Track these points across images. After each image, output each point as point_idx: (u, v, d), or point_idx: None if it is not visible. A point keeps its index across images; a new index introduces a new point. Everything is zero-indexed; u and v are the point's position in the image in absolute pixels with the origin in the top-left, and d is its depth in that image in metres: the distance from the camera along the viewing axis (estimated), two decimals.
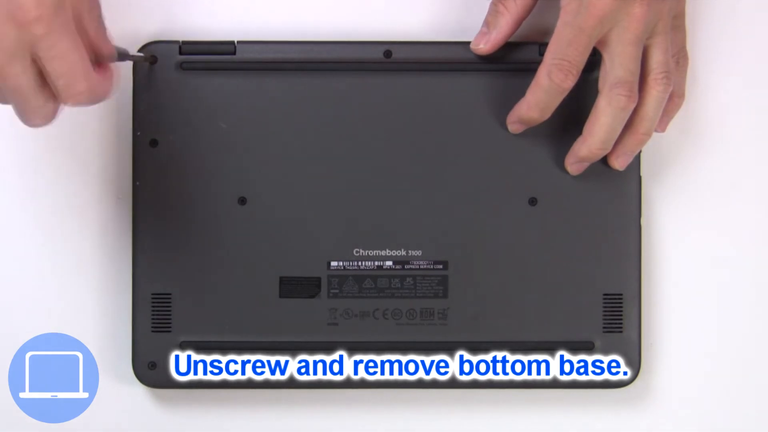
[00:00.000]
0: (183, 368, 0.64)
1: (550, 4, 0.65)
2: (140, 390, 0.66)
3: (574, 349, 0.64)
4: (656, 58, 0.60)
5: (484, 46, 0.63)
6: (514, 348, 0.64)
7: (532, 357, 0.64)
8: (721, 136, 0.67)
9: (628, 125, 0.61)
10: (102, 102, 0.54)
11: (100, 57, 0.55)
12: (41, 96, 0.53)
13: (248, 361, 0.64)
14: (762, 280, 0.67)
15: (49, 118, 0.54)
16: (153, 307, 0.64)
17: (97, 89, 0.54)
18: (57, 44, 0.51)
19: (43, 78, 0.52)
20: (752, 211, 0.67)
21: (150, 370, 0.64)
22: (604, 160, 0.63)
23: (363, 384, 0.65)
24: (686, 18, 0.63)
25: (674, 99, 0.64)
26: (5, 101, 0.53)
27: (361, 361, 0.64)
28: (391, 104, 0.64)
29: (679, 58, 0.63)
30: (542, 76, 0.60)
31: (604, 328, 0.64)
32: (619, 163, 0.63)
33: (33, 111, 0.53)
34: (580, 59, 0.59)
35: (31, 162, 0.66)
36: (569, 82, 0.59)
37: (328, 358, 0.64)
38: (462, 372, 0.64)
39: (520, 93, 0.64)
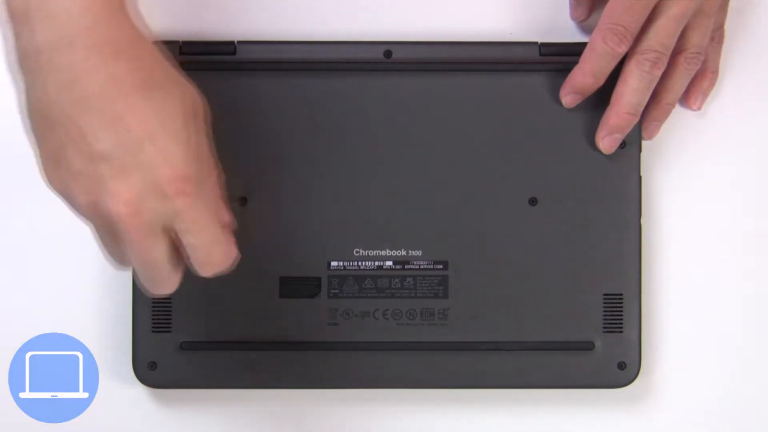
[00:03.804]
0: (183, 368, 0.64)
1: (551, 4, 0.66)
2: (140, 390, 0.66)
3: (574, 349, 0.64)
4: (693, 40, 0.62)
5: (583, 15, 0.65)
6: (514, 348, 0.64)
7: (532, 357, 0.64)
8: (722, 136, 0.67)
9: (653, 96, 0.63)
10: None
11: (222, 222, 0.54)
12: (171, 268, 0.52)
13: (248, 361, 0.64)
14: (762, 280, 0.67)
15: (174, 287, 0.54)
16: (153, 307, 0.64)
17: (231, 258, 0.54)
18: (198, 218, 0.51)
19: (175, 249, 0.52)
20: (752, 211, 0.67)
21: (150, 370, 0.64)
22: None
23: (363, 384, 0.65)
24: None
25: (708, 75, 0.66)
26: (126, 268, 0.53)
27: (361, 361, 0.64)
28: (391, 104, 0.64)
29: (717, 35, 0.65)
30: (597, 41, 0.61)
31: (604, 328, 0.64)
32: (647, 133, 0.65)
33: (161, 282, 0.53)
34: (635, 26, 0.60)
35: (32, 162, 0.66)
36: (623, 47, 0.60)
37: (328, 358, 0.64)
38: (462, 372, 0.64)
39: (520, 93, 0.64)
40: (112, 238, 0.51)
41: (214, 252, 0.52)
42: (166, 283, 0.53)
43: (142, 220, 0.49)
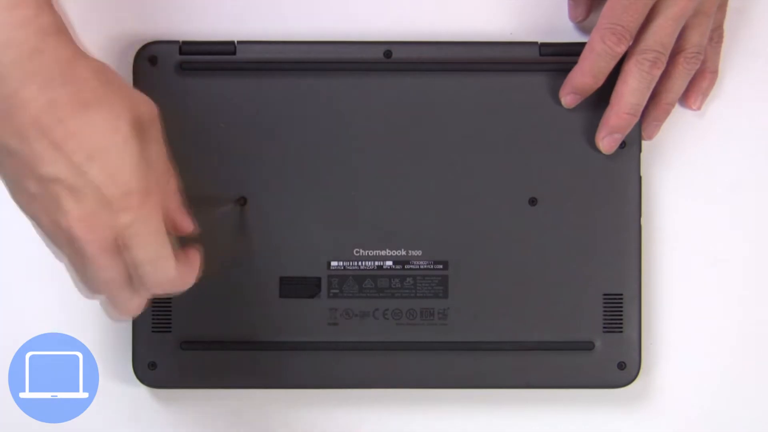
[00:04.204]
0: (183, 368, 0.64)
1: (551, 4, 0.66)
2: (140, 390, 0.66)
3: (574, 349, 0.64)
4: (692, 40, 0.62)
5: (581, 16, 0.65)
6: (514, 348, 0.64)
7: (532, 357, 0.64)
8: (722, 136, 0.67)
9: (653, 96, 0.63)
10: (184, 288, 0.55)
11: (180, 232, 0.55)
12: (129, 290, 0.53)
13: (248, 361, 0.64)
14: (762, 279, 0.67)
15: (133, 312, 0.54)
16: (153, 307, 0.64)
17: (182, 276, 0.54)
18: (140, 233, 0.51)
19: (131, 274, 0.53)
20: (752, 211, 0.67)
21: (150, 370, 0.64)
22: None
23: (363, 384, 0.65)
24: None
25: (707, 75, 0.65)
26: (97, 292, 0.53)
27: (361, 361, 0.64)
28: (391, 104, 0.64)
29: (716, 35, 0.65)
30: (596, 41, 0.61)
31: (604, 328, 0.64)
32: (647, 133, 0.65)
33: (121, 304, 0.54)
34: (634, 25, 0.60)
35: None
36: (622, 47, 0.61)
37: (328, 358, 0.64)
38: (462, 372, 0.64)
39: (520, 93, 0.64)
40: (78, 259, 0.52)
41: (159, 268, 0.53)
42: (124, 305, 0.54)
43: (97, 237, 0.50)
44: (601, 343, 0.64)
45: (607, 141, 0.63)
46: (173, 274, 0.53)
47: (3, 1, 0.48)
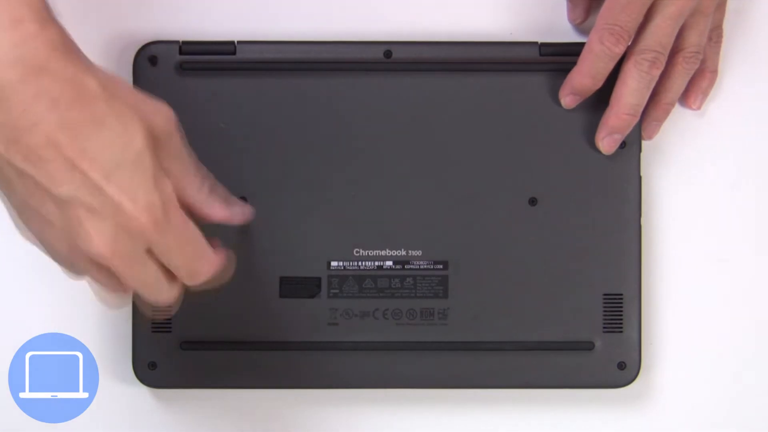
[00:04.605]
0: (183, 368, 0.64)
1: (551, 4, 0.66)
2: (140, 390, 0.66)
3: (574, 349, 0.64)
4: (691, 39, 0.62)
5: (580, 17, 0.65)
6: (514, 348, 0.64)
7: (532, 357, 0.64)
8: (722, 136, 0.67)
9: (653, 96, 0.63)
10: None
11: (209, 219, 0.54)
12: (167, 282, 0.53)
13: (248, 361, 0.64)
14: (762, 279, 0.67)
15: (176, 297, 0.54)
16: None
17: (217, 266, 0.54)
18: (171, 242, 0.50)
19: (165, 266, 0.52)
20: (752, 211, 0.67)
21: (150, 370, 0.64)
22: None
23: (363, 384, 0.65)
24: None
25: (707, 74, 0.65)
26: (126, 304, 0.54)
27: (361, 361, 0.64)
28: (391, 104, 0.64)
29: (715, 35, 0.65)
30: (594, 42, 0.61)
31: (604, 328, 0.64)
32: (647, 133, 0.65)
33: (160, 296, 0.53)
34: (632, 25, 0.60)
35: None
36: (620, 47, 0.60)
37: (328, 358, 0.64)
38: (462, 372, 0.64)
39: (520, 93, 0.64)
40: (104, 274, 0.51)
41: (196, 267, 0.52)
42: (164, 296, 0.53)
43: (123, 255, 0.50)
44: (601, 343, 0.64)
45: (606, 141, 0.63)
46: (209, 268, 0.53)
47: (5, 19, 0.47)
